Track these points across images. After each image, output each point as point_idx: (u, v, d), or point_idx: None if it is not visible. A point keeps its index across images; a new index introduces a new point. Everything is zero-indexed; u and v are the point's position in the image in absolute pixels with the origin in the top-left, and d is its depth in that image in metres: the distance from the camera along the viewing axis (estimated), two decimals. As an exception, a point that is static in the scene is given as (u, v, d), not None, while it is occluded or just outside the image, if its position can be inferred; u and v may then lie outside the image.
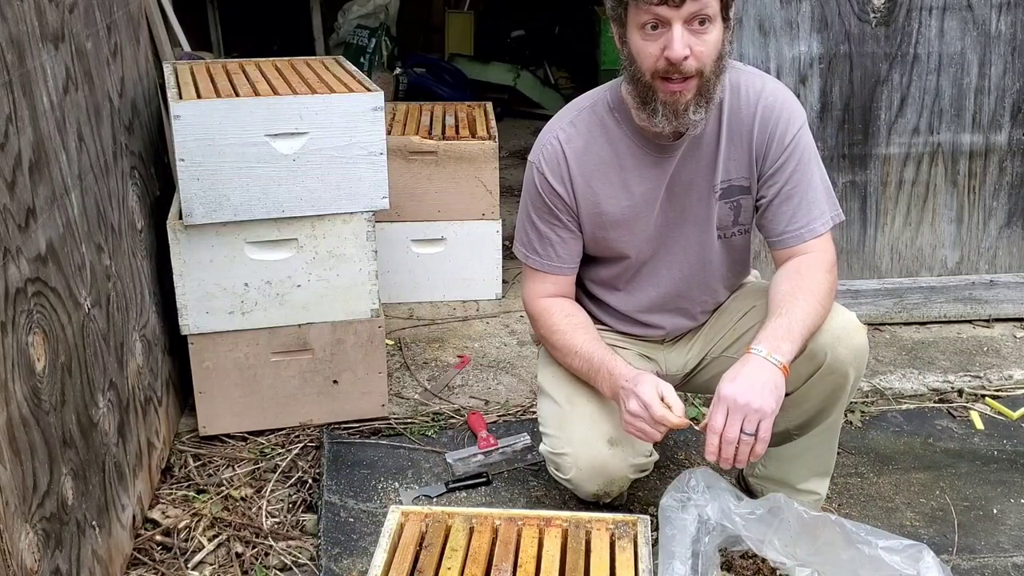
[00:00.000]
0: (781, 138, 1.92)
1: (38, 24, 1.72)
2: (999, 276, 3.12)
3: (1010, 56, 2.95)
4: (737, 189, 1.98)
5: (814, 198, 1.94)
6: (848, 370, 1.93)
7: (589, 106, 1.99)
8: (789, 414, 2.03)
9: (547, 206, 2.00)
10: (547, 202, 1.99)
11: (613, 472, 1.95)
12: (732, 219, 2.02)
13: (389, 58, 5.41)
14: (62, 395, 1.72)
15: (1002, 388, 2.77)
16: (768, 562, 1.90)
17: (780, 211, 1.95)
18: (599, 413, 1.96)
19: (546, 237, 2.02)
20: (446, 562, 1.73)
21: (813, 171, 1.94)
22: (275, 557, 2.10)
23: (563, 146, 1.97)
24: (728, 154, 1.95)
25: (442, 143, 3.15)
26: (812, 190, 1.94)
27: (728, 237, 2.04)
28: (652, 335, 2.13)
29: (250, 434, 2.51)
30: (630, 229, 2.00)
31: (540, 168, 1.99)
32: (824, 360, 1.91)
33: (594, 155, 1.96)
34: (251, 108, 2.27)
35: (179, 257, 2.34)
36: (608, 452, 1.94)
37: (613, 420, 1.95)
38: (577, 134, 1.97)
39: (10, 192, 1.54)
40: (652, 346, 2.14)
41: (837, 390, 1.96)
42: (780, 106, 1.92)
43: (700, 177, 1.97)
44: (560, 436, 1.98)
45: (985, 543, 2.14)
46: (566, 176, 1.97)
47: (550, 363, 2.09)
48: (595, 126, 1.97)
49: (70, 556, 1.70)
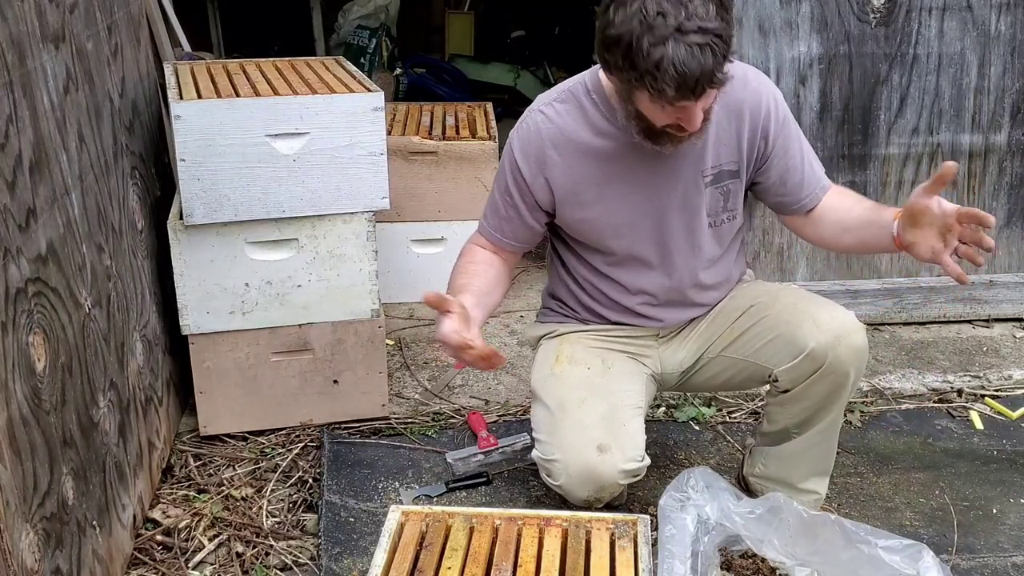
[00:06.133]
0: (777, 118, 1.98)
1: (38, 24, 1.72)
2: (998, 276, 3.12)
3: (1009, 56, 2.95)
4: (727, 174, 1.99)
5: (813, 156, 2.05)
6: (848, 370, 1.93)
7: (568, 89, 2.00)
8: (789, 412, 2.04)
9: (507, 181, 2.01)
10: (510, 177, 2.01)
11: (603, 479, 1.94)
12: (722, 205, 2.02)
13: (389, 58, 5.41)
14: (62, 395, 1.72)
15: (1001, 388, 2.77)
16: (768, 561, 1.90)
17: (798, 179, 2.02)
18: (590, 419, 1.96)
19: (497, 207, 2.05)
20: (446, 562, 1.73)
21: (802, 136, 2.05)
22: (275, 557, 2.10)
23: (540, 125, 1.97)
24: (718, 139, 1.95)
25: (442, 143, 3.15)
26: (809, 150, 2.05)
27: (717, 225, 2.04)
28: (648, 326, 2.13)
29: (250, 434, 2.51)
30: (613, 215, 1.99)
31: (512, 145, 2.00)
32: (825, 360, 1.91)
33: (574, 136, 1.96)
34: (252, 108, 2.27)
35: (180, 257, 2.34)
36: (597, 458, 1.93)
37: (604, 426, 1.95)
38: (556, 114, 1.97)
39: (10, 192, 1.54)
40: (647, 343, 2.14)
41: (837, 389, 1.96)
42: (766, 88, 1.99)
43: (689, 163, 1.96)
44: (551, 442, 1.98)
45: (985, 543, 2.14)
46: (537, 155, 1.96)
47: (543, 367, 2.09)
48: (575, 108, 1.97)
49: (70, 556, 1.70)
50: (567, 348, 2.09)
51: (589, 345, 2.10)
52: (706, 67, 1.64)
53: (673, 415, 2.62)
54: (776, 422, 2.09)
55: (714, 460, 2.43)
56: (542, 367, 2.09)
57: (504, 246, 2.07)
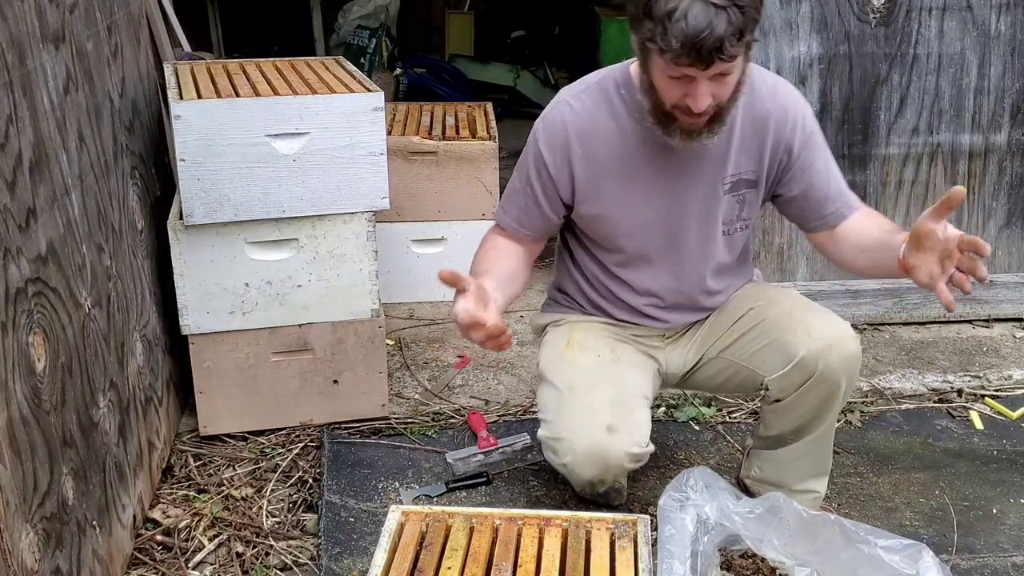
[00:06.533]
0: (803, 132, 1.95)
1: (38, 24, 1.72)
2: (998, 276, 3.12)
3: (1009, 56, 2.95)
4: (744, 183, 1.98)
5: (839, 176, 2.02)
6: (840, 379, 1.94)
7: (596, 82, 1.97)
8: (783, 419, 2.04)
9: (530, 173, 1.99)
10: (532, 169, 1.98)
11: (610, 458, 1.94)
12: (737, 213, 2.01)
13: (389, 58, 5.41)
14: (62, 395, 1.72)
15: (1001, 388, 2.77)
16: (767, 561, 1.90)
17: (821, 196, 1.99)
18: (599, 403, 1.96)
19: (517, 198, 2.03)
20: (446, 562, 1.73)
21: (828, 154, 2.02)
22: (275, 557, 2.10)
23: (567, 117, 1.95)
24: (740, 147, 1.94)
25: (442, 143, 3.15)
26: (836, 169, 2.02)
27: (731, 233, 2.04)
28: (654, 327, 2.13)
29: (250, 434, 2.51)
30: (629, 214, 1.98)
31: (537, 136, 1.98)
32: (816, 369, 1.92)
33: (599, 130, 1.94)
34: (252, 108, 2.27)
35: (180, 257, 2.34)
36: (606, 438, 1.92)
37: (613, 410, 1.95)
38: (583, 107, 1.95)
39: (10, 192, 1.54)
40: (654, 344, 2.14)
41: (829, 398, 1.96)
42: (795, 100, 1.97)
43: (709, 168, 1.95)
44: (558, 421, 1.98)
45: (984, 543, 2.14)
46: (563, 147, 1.95)
47: (552, 351, 2.09)
48: (602, 102, 1.94)
49: (70, 556, 1.70)
50: (578, 335, 2.09)
51: (599, 334, 2.10)
52: (717, 30, 1.61)
53: (673, 415, 2.62)
54: (771, 428, 2.09)
55: (714, 460, 2.43)
56: (552, 351, 2.09)
57: (524, 236, 2.05)
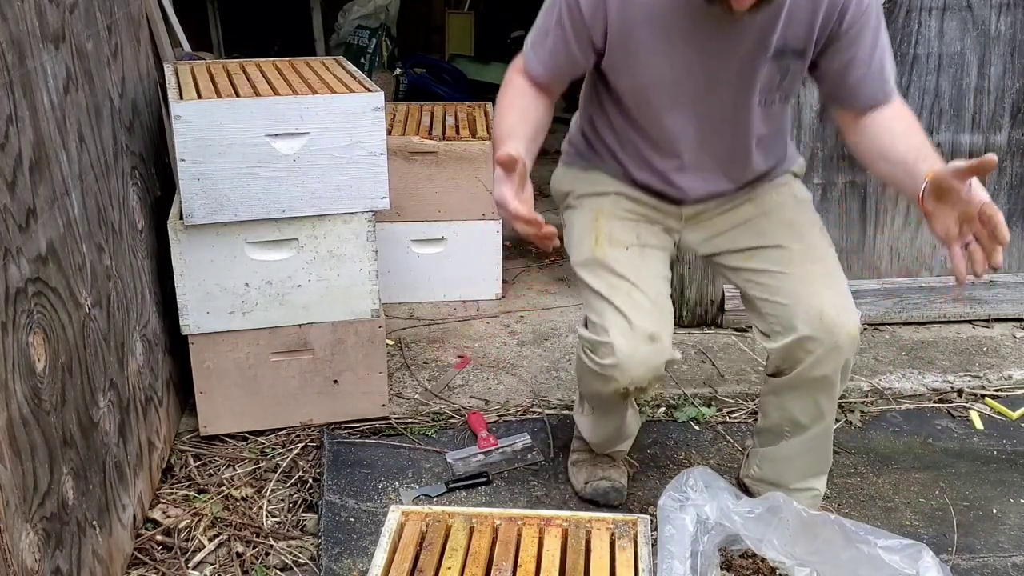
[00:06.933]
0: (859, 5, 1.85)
1: (38, 24, 1.72)
2: (998, 276, 3.12)
3: (1009, 56, 2.95)
4: (791, 52, 1.89)
5: (887, 61, 1.92)
6: (829, 374, 1.94)
7: None
8: (781, 403, 2.04)
9: (561, 10, 1.90)
10: (564, 9, 1.89)
11: (651, 363, 1.93)
12: (777, 82, 1.93)
13: (389, 58, 5.41)
14: (62, 395, 1.72)
15: (1002, 388, 2.77)
16: (767, 561, 1.91)
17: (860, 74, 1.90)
18: (639, 307, 1.95)
19: (545, 39, 1.94)
20: (446, 562, 1.73)
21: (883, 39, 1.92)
22: (276, 557, 2.11)
23: None
24: (790, 18, 1.85)
25: (442, 143, 3.15)
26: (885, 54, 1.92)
27: (767, 104, 1.97)
28: (670, 194, 2.07)
29: (250, 434, 2.51)
30: (660, 69, 1.90)
31: None
32: (809, 356, 1.93)
33: None
34: (252, 108, 2.27)
35: (180, 257, 2.34)
36: (649, 348, 1.93)
37: (652, 315, 1.95)
38: None
39: (10, 192, 1.54)
40: (671, 224, 2.11)
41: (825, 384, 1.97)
42: None
43: (753, 39, 1.86)
44: (602, 324, 1.96)
45: (984, 543, 2.14)
46: None
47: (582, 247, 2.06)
48: None
49: (70, 556, 1.71)
50: (604, 224, 2.05)
51: (622, 216, 2.06)
52: None
53: (673, 415, 2.62)
54: (769, 416, 2.09)
55: (714, 460, 2.43)
56: (581, 246, 2.06)
57: (547, 82, 1.98)
